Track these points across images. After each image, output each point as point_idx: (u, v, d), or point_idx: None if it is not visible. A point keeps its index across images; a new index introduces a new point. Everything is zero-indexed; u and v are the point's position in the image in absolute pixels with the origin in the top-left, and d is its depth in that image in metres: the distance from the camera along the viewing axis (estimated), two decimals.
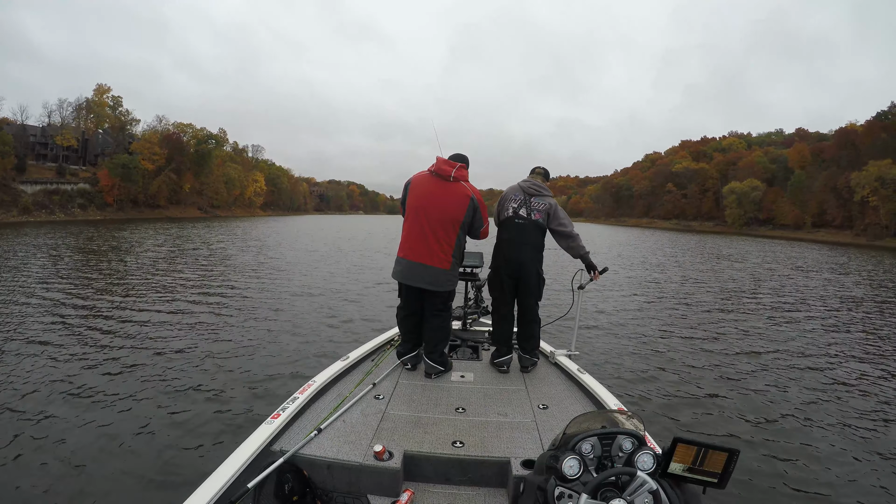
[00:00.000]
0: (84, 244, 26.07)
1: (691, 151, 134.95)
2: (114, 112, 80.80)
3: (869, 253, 46.91)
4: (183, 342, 8.35)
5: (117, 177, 69.85)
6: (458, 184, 4.15)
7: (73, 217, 61.06)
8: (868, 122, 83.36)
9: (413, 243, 4.17)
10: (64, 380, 6.44)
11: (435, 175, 4.17)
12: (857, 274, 24.65)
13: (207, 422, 5.41)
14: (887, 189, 67.42)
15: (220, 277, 15.91)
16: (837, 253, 43.40)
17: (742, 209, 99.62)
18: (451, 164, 4.15)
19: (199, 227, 47.80)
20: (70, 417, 5.38)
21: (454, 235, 4.17)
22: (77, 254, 21.41)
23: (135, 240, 30.07)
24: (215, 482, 2.41)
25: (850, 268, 28.26)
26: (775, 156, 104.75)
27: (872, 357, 9.08)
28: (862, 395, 7.04)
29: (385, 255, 24.46)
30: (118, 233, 36.07)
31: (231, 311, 10.86)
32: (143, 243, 27.76)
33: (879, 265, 31.44)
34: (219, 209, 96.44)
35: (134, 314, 10.27)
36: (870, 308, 14.68)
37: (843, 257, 37.78)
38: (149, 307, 11.03)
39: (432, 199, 4.12)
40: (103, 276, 15.34)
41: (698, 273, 22.05)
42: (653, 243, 46.46)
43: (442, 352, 4.47)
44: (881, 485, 4.66)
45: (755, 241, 63.38)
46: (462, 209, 4.12)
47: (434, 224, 4.10)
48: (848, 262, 32.41)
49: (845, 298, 16.44)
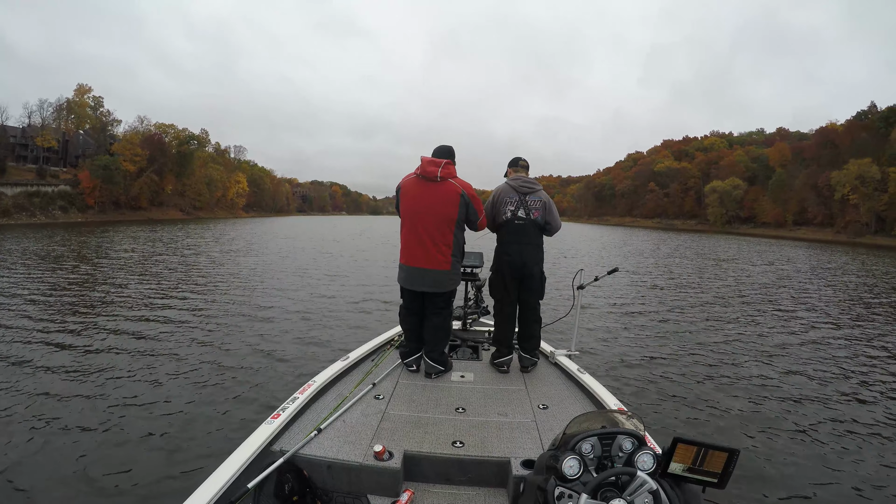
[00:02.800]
0: (84, 248, 25.72)
1: (673, 151, 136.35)
2: (94, 112, 80.00)
3: (857, 251, 47.41)
4: (182, 342, 8.29)
5: (98, 178, 68.77)
6: (446, 182, 4.09)
7: (55, 219, 60.09)
8: (848, 121, 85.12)
9: (412, 250, 4.17)
10: (65, 380, 6.40)
11: (422, 178, 4.12)
12: (856, 274, 24.80)
13: (207, 422, 5.40)
14: (867, 187, 68.68)
15: (217, 278, 15.80)
16: (826, 251, 43.79)
17: (724, 207, 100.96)
18: (437, 163, 4.08)
19: (189, 230, 47.25)
20: (70, 417, 5.34)
21: (451, 235, 4.15)
22: (74, 259, 21.07)
23: (133, 241, 29.71)
24: (215, 482, 2.40)
25: (850, 268, 28.40)
26: (756, 155, 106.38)
27: (874, 358, 9.13)
28: (864, 395, 7.08)
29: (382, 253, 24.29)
30: (105, 234, 35.65)
31: (230, 311, 10.79)
32: (138, 241, 27.44)
33: (878, 263, 31.72)
34: (200, 210, 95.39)
35: (133, 314, 10.21)
36: (874, 307, 14.80)
37: (843, 256, 37.97)
38: (148, 307, 10.94)
39: (423, 203, 4.09)
40: (106, 276, 15.15)
41: (696, 273, 22.19)
42: (644, 243, 46.77)
43: (442, 351, 4.46)
44: (882, 485, 4.69)
45: (738, 239, 64.09)
46: (454, 207, 4.09)
47: (430, 228, 4.09)
48: (848, 262, 32.46)
49: (846, 298, 16.60)
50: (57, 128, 76.90)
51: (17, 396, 5.87)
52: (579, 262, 24.09)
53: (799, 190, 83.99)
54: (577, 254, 29.39)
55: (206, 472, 2.49)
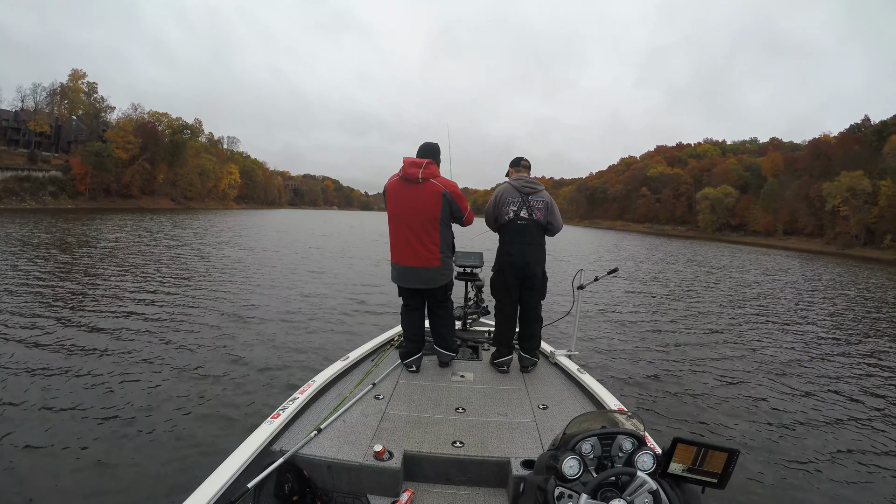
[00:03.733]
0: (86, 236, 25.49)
1: (667, 157, 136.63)
2: (88, 98, 79.28)
3: (849, 262, 47.66)
4: (181, 342, 8.17)
5: (90, 165, 68.15)
6: (427, 183, 4.11)
7: (44, 205, 59.56)
8: (841, 133, 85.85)
9: (400, 249, 4.25)
10: (65, 379, 6.33)
11: (404, 180, 4.15)
12: (855, 285, 24.99)
13: (207, 422, 5.38)
14: (858, 200, 69.06)
15: (214, 277, 15.59)
16: (820, 263, 43.78)
17: (715, 215, 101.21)
18: (418, 164, 4.11)
19: (178, 220, 46.92)
20: (69, 417, 5.31)
21: (437, 233, 4.22)
22: (85, 247, 20.89)
23: (133, 232, 29.48)
24: (215, 482, 2.41)
25: (846, 278, 28.63)
26: (749, 164, 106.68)
27: (874, 360, 9.29)
28: (863, 396, 7.20)
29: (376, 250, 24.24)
30: (91, 223, 35.35)
31: (230, 311, 10.64)
32: (136, 234, 27.24)
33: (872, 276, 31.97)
34: (192, 201, 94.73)
35: (131, 313, 10.05)
36: (871, 315, 14.96)
37: (838, 268, 38.07)
38: (147, 305, 10.83)
39: (407, 205, 4.14)
40: (108, 271, 15.04)
41: (694, 278, 22.27)
42: (637, 248, 46.72)
43: (450, 338, 4.59)
44: (882, 484, 4.76)
45: (730, 246, 64.37)
46: (437, 207, 4.14)
47: (415, 228, 4.15)
48: (844, 273, 32.61)
49: (844, 306, 16.78)
50: (50, 112, 76.08)
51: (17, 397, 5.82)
52: (573, 265, 24.13)
53: (790, 200, 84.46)
54: (568, 256, 29.35)
55: (205, 472, 2.49)
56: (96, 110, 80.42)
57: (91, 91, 79.76)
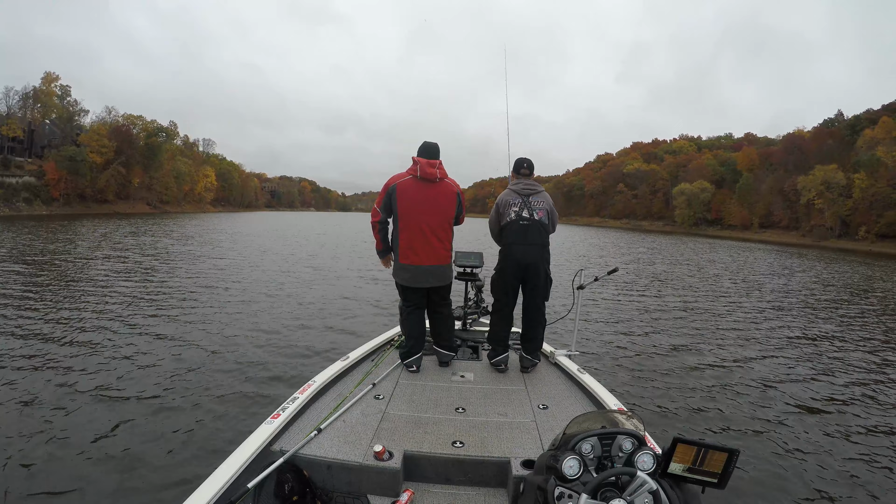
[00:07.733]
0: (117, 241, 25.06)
1: (643, 153, 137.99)
2: (62, 102, 77.77)
3: (830, 254, 48.22)
4: (181, 342, 8.15)
5: (64, 170, 66.35)
6: (444, 182, 4.28)
7: (18, 212, 58.11)
8: (815, 128, 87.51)
9: (418, 249, 4.28)
10: (65, 380, 6.31)
11: (421, 180, 4.22)
12: (845, 278, 25.12)
13: (207, 422, 5.36)
14: (833, 192, 70.28)
15: (212, 277, 15.53)
16: (801, 255, 44.37)
17: (691, 210, 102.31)
18: (434, 164, 4.23)
19: (185, 224, 46.37)
20: (69, 417, 5.29)
21: (451, 231, 4.46)
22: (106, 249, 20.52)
23: (133, 236, 29.05)
24: (215, 482, 2.41)
25: (832, 271, 28.85)
26: (725, 159, 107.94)
27: (874, 360, 9.27)
28: (863, 396, 7.19)
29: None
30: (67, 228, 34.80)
31: (229, 311, 10.61)
32: (136, 237, 26.87)
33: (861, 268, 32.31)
34: (168, 205, 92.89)
35: (130, 313, 10.00)
36: (870, 312, 15.03)
37: (828, 262, 38.26)
38: (147, 305, 10.78)
39: (428, 206, 4.24)
40: (114, 275, 14.79)
41: (691, 277, 22.19)
42: (632, 245, 46.85)
43: (449, 338, 4.65)
44: (882, 484, 4.77)
45: (707, 241, 64.98)
46: (453, 206, 4.37)
47: (434, 226, 4.26)
48: (827, 266, 32.61)
49: (840, 302, 16.84)
50: (23, 117, 74.29)
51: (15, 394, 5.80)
52: (579, 262, 24.33)
53: (766, 194, 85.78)
54: (566, 256, 29.28)
55: (206, 472, 2.49)
56: (70, 114, 78.57)
57: (64, 94, 78.06)
